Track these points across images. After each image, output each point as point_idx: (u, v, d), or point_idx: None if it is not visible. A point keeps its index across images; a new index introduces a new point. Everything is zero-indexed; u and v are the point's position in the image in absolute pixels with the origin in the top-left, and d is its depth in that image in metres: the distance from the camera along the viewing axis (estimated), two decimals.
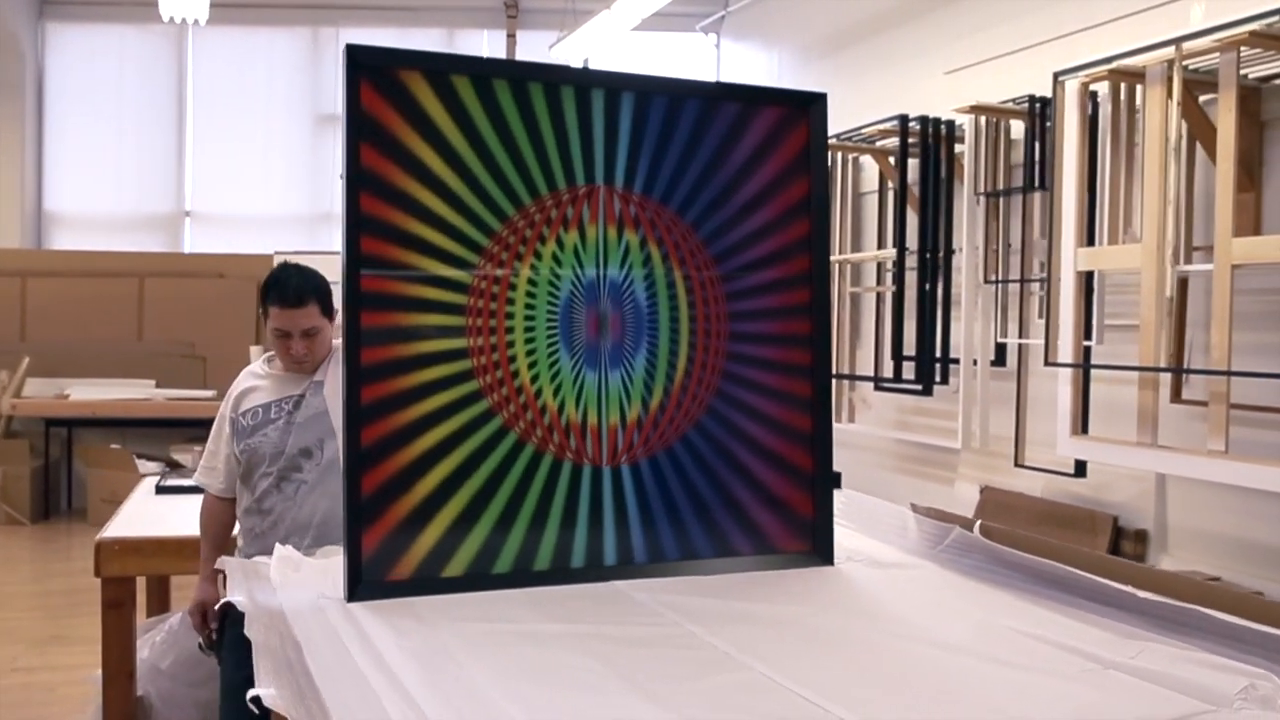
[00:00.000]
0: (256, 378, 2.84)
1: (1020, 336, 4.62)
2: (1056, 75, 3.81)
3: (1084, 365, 3.84)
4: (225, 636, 2.69)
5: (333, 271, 2.13)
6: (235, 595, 1.80)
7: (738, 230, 2.20)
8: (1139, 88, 3.69)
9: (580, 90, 2.07)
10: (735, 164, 2.19)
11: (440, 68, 1.99)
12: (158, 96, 8.12)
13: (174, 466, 7.08)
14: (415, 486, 1.98)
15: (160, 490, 3.68)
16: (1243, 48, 3.18)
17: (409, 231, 1.96)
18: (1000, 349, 4.81)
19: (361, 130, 1.92)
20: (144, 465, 6.90)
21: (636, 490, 2.13)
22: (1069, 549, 2.03)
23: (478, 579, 2.01)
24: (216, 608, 1.87)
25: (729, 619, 1.83)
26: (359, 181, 1.92)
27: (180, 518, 3.13)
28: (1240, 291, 3.30)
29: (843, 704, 1.43)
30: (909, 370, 5.15)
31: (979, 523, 2.19)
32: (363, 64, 1.92)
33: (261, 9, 8.05)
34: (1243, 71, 3.28)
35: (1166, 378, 3.66)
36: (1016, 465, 4.67)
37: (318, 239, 8.10)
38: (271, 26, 8.19)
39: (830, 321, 2.34)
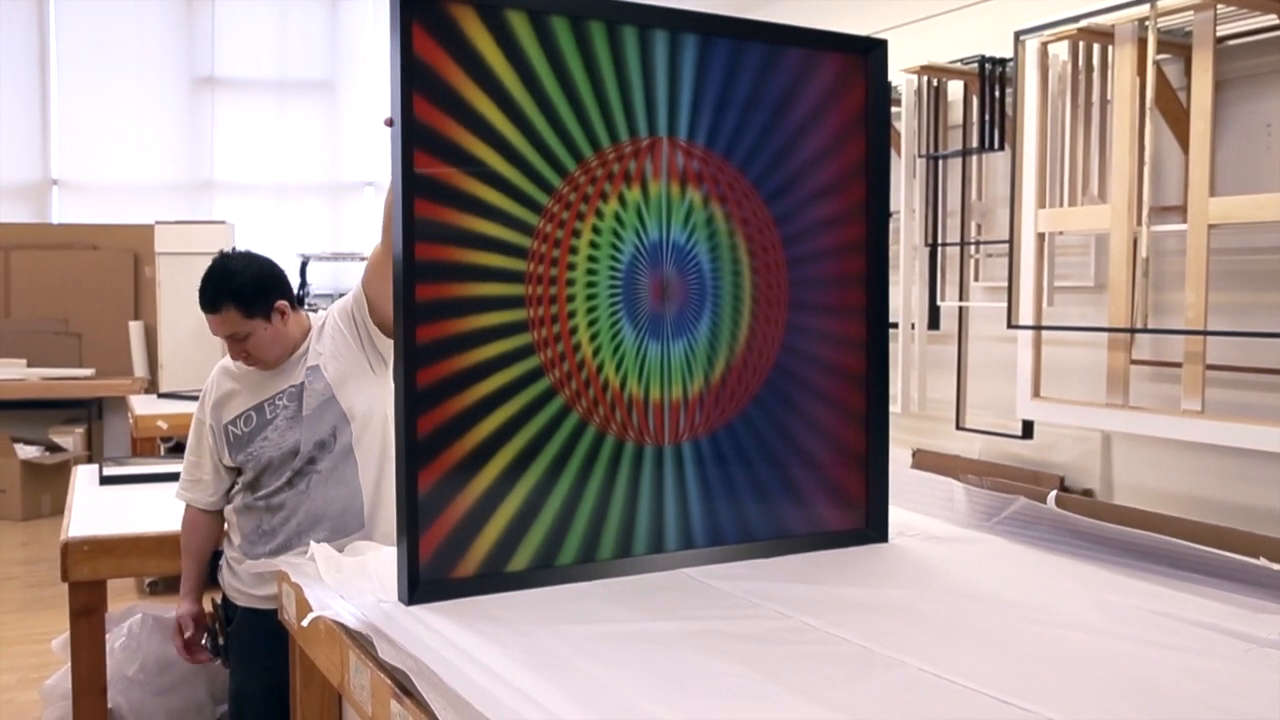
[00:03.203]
0: (233, 378, 2.53)
1: (960, 300, 4.61)
2: (1018, 34, 3.76)
3: (1050, 328, 3.83)
4: (233, 641, 2.43)
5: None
6: (341, 614, 1.58)
7: (798, 191, 2.05)
8: (1096, 47, 3.68)
9: (643, 31, 1.87)
10: (796, 117, 2.04)
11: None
12: (17, 57, 7.40)
13: (54, 449, 6.60)
14: (476, 476, 1.78)
15: (105, 481, 3.33)
16: (1219, 5, 3.17)
17: (466, 192, 1.75)
18: (935, 312, 4.80)
19: (415, 80, 1.69)
20: (23, 450, 6.42)
21: (699, 468, 1.98)
22: (1156, 516, 1.96)
23: (541, 573, 1.83)
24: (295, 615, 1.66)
25: (834, 607, 1.70)
26: (413, 138, 1.69)
27: (143, 511, 2.84)
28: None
29: (1038, 700, 1.32)
30: None
31: (1053, 493, 2.11)
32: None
33: None
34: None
35: (1130, 339, 3.67)
36: (958, 428, 4.67)
37: (199, 207, 7.61)
38: None
39: (887, 294, 2.22)
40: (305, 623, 1.70)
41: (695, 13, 1.92)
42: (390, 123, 1.68)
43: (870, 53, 2.09)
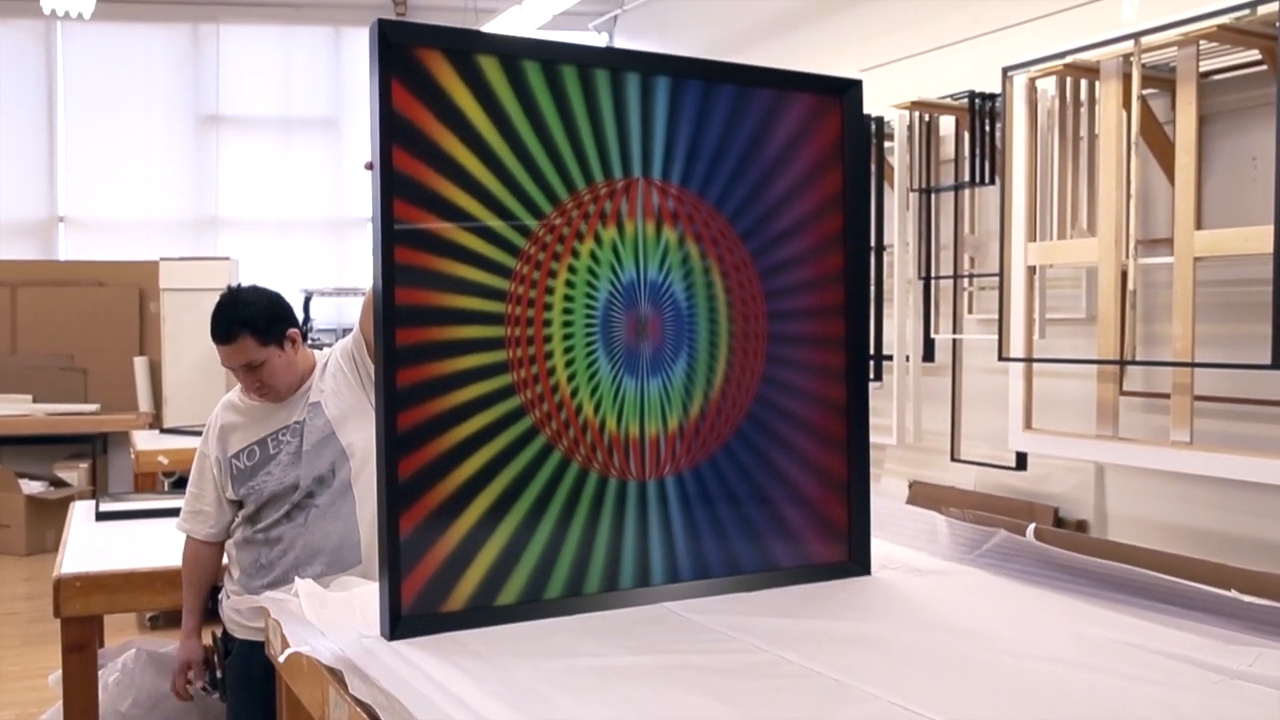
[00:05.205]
0: (237, 412, 2.59)
1: (954, 332, 4.64)
2: (1006, 70, 3.82)
3: (1041, 360, 3.85)
4: (231, 674, 2.46)
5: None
6: (316, 650, 1.61)
7: (774, 225, 2.09)
8: (1084, 82, 3.73)
9: (615, 73, 1.92)
10: (770, 153, 2.07)
11: (467, 47, 1.81)
12: (25, 96, 7.54)
13: (59, 485, 6.64)
14: (459, 517, 1.81)
15: (101, 517, 3.37)
16: (1202, 42, 3.22)
17: (444, 238, 1.79)
18: (929, 345, 4.83)
19: (394, 132, 1.74)
20: (27, 485, 6.46)
21: (681, 502, 2.01)
22: (1134, 550, 1.98)
23: (527, 608, 1.86)
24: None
25: (811, 640, 1.72)
26: (393, 188, 1.73)
27: (136, 547, 2.87)
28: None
29: None
30: None
31: (1033, 525, 2.14)
32: (393, 42, 1.73)
33: (137, 4, 7.56)
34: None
35: (1120, 371, 3.69)
36: (953, 460, 4.69)
37: (203, 244, 7.69)
38: (148, 22, 7.69)
39: (868, 323, 2.24)
40: (282, 659, 1.73)
41: (666, 55, 1.97)
42: (370, 166, 1.73)
43: (846, 92, 2.13)
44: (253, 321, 2.47)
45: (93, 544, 3.04)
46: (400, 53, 1.74)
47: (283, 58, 7.95)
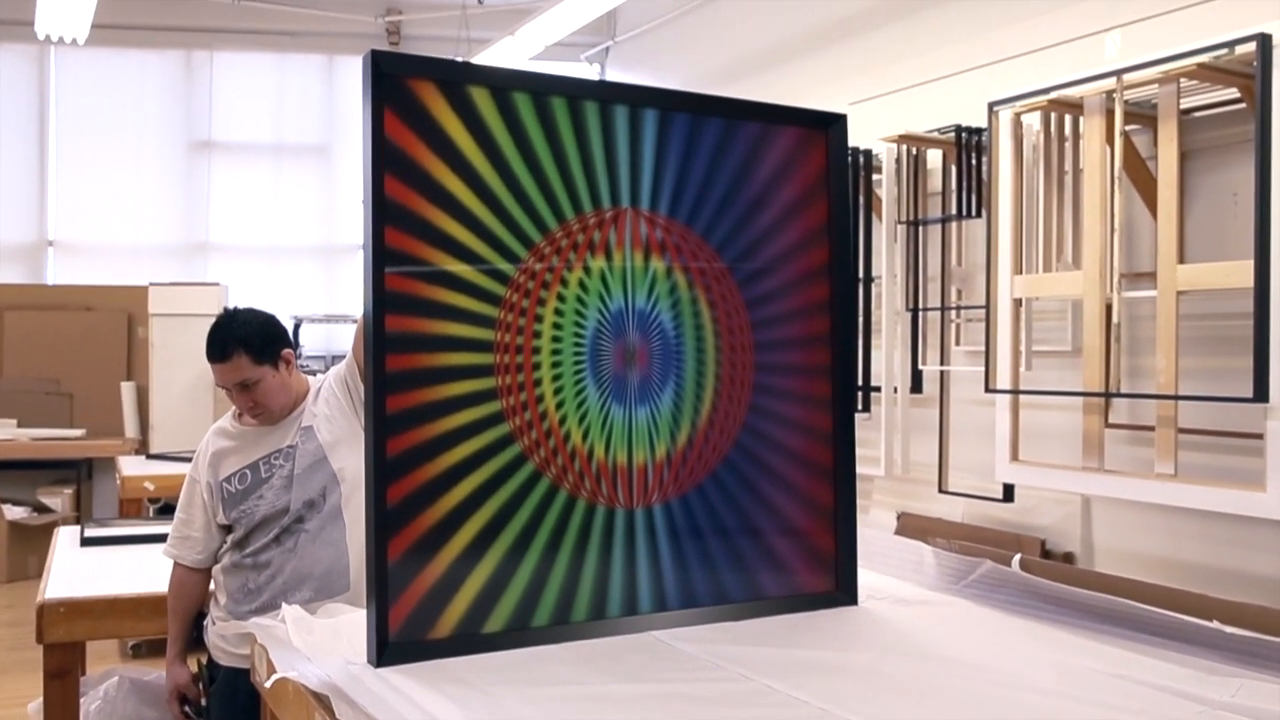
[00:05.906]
0: (228, 437, 2.60)
1: (941, 364, 4.67)
2: (991, 105, 3.86)
3: (1027, 392, 3.88)
4: (215, 701, 2.46)
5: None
6: (303, 675, 1.61)
7: (760, 256, 2.11)
8: (1068, 118, 3.78)
9: (604, 105, 1.94)
10: (757, 185, 2.10)
11: (459, 78, 1.83)
12: (17, 120, 7.54)
13: (42, 510, 6.61)
14: (447, 543, 1.81)
15: (86, 542, 3.35)
16: (1182, 80, 3.27)
17: (435, 266, 1.81)
18: (917, 376, 4.85)
19: (386, 160, 1.76)
20: (10, 510, 6.42)
21: (669, 531, 2.02)
22: (1118, 580, 1.99)
23: (515, 636, 1.86)
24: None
25: (797, 670, 1.73)
26: (384, 216, 1.75)
27: (121, 573, 2.85)
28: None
29: None
30: None
31: (1018, 556, 2.15)
32: (386, 73, 1.76)
33: (131, 30, 7.57)
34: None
35: (1105, 403, 3.72)
36: (941, 491, 4.70)
37: (193, 269, 7.70)
38: (141, 49, 7.72)
39: (855, 352, 2.26)
40: (269, 684, 1.73)
41: (654, 88, 2.00)
42: None
43: (831, 126, 2.16)
44: (248, 340, 2.50)
45: (77, 570, 3.02)
46: (393, 83, 1.77)
47: (275, 85, 7.98)
